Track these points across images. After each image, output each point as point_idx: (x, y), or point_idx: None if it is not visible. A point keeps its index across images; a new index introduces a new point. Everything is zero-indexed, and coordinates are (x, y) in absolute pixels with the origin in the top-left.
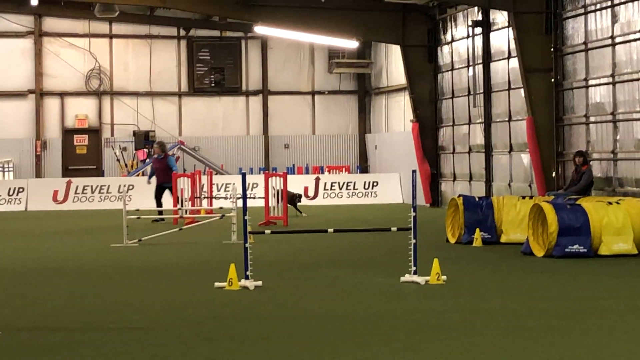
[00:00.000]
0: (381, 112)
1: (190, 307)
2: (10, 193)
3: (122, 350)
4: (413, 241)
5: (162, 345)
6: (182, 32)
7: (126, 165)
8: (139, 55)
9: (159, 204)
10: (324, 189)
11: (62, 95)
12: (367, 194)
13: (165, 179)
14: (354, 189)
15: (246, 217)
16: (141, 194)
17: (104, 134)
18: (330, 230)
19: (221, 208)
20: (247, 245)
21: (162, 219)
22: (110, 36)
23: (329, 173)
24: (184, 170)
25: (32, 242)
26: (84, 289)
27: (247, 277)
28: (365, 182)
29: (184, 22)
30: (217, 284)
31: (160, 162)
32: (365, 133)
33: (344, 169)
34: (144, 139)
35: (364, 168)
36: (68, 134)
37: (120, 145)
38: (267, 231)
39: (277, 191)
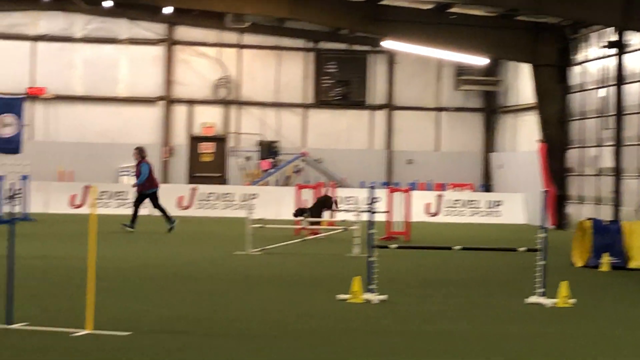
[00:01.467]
0: (507, 131)
1: (312, 318)
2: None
3: (244, 358)
4: (542, 262)
5: (284, 355)
6: (310, 45)
7: (250, 174)
8: (266, 66)
9: (162, 210)
10: (446, 207)
11: (190, 103)
12: (490, 213)
13: (144, 186)
14: (476, 207)
15: (373, 231)
16: (264, 203)
17: (230, 142)
18: (456, 247)
19: (343, 221)
20: (372, 259)
21: (131, 226)
22: (240, 46)
23: (452, 190)
24: (306, 182)
25: (156, 247)
26: (207, 295)
27: (370, 291)
28: (488, 201)
29: (313, 34)
30: (339, 296)
31: (136, 168)
32: (490, 151)
33: (467, 186)
34: (268, 148)
35: (487, 187)
36: (194, 141)
37: (245, 154)
38: (392, 246)
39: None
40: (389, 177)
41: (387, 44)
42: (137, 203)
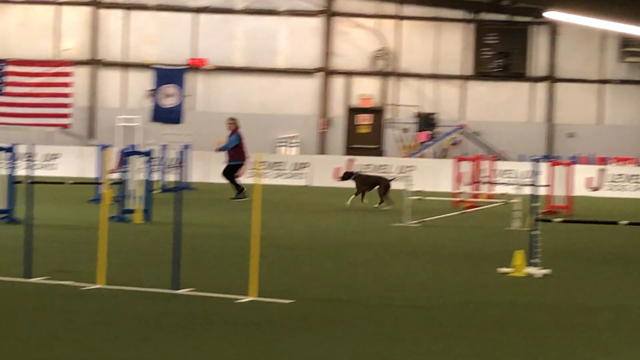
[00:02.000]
0: None
1: (473, 290)
2: (295, 168)
3: (407, 328)
4: None
5: (447, 326)
6: (470, 16)
7: (407, 146)
8: (425, 37)
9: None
10: (609, 181)
11: (348, 74)
12: None
13: (233, 157)
14: None
15: (537, 204)
16: (422, 176)
17: (387, 114)
18: (622, 222)
19: (503, 194)
20: (535, 232)
21: (243, 196)
22: (399, 17)
23: (615, 164)
24: (464, 154)
25: (314, 217)
26: (367, 266)
27: (533, 264)
28: None
29: (473, 5)
30: (500, 270)
31: (228, 138)
32: None
33: (630, 161)
34: (426, 120)
35: None
36: (352, 112)
37: (402, 126)
38: (556, 219)
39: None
40: (549, 150)
41: (550, 14)
42: (230, 174)
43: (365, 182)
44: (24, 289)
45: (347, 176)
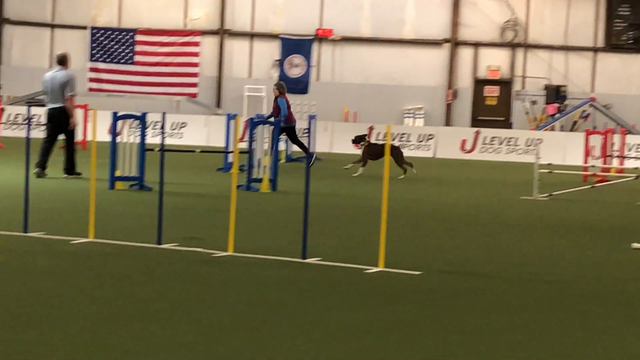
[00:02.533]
0: None
1: (607, 266)
2: (420, 139)
3: (538, 302)
4: None
5: (580, 300)
6: None
7: (535, 119)
8: (556, 8)
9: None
10: None
11: (475, 45)
12: None
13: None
14: None
15: None
16: (550, 149)
17: (515, 86)
18: None
19: (636, 168)
20: None
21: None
22: None
23: None
24: (593, 128)
25: (440, 189)
26: (495, 239)
27: None
28: None
29: None
30: (634, 245)
31: (274, 103)
32: None
33: None
34: (555, 93)
35: None
36: (479, 84)
37: (530, 98)
38: None
39: None
40: None
41: None
42: (293, 137)
43: (372, 152)
44: (155, 255)
45: (357, 140)
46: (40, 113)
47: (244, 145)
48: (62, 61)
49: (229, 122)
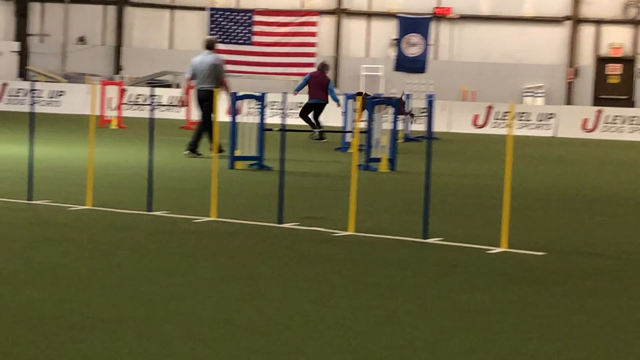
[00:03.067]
0: None
1: None
2: (540, 119)
3: None
4: None
5: None
6: None
7: None
8: None
9: (309, 121)
10: None
11: (597, 22)
12: None
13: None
14: None
15: None
16: None
17: (638, 64)
18: None
19: None
20: None
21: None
22: None
23: None
24: None
25: (562, 168)
26: (623, 219)
27: None
28: None
29: None
30: None
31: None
32: None
33: None
34: None
35: None
36: (601, 62)
37: None
38: None
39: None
40: None
41: None
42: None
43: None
44: (276, 234)
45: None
46: (160, 94)
47: (362, 124)
48: (210, 46)
49: (347, 101)
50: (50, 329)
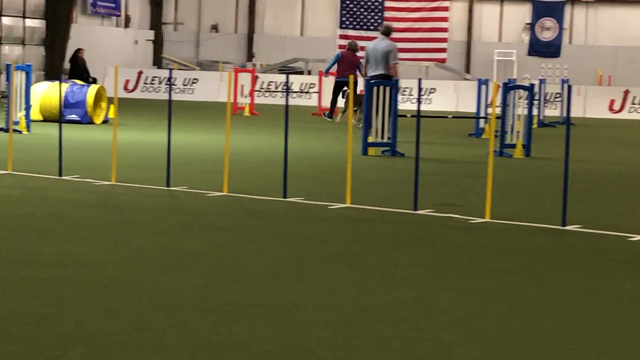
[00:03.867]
0: None
1: None
2: None
3: None
4: None
5: None
6: None
7: None
8: None
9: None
10: None
11: None
12: None
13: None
14: None
15: None
16: None
17: None
18: None
19: None
20: None
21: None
22: None
23: None
24: None
25: None
26: None
27: None
28: None
29: None
30: None
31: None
32: None
33: None
34: None
35: None
36: None
37: None
38: None
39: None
40: None
41: None
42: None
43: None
44: (411, 221)
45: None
46: (292, 80)
47: (496, 110)
48: (387, 32)
49: (480, 87)
50: (190, 313)
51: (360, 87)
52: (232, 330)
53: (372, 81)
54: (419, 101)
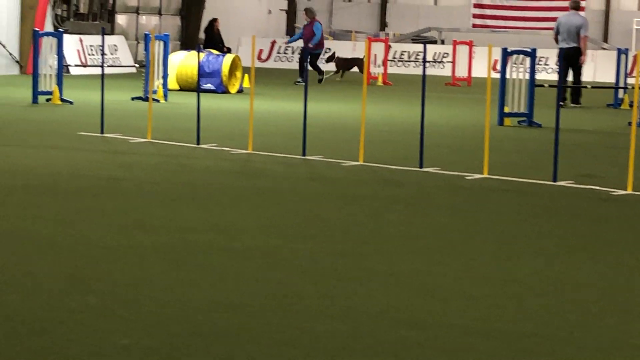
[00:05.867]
0: None
1: None
2: None
3: None
4: None
5: None
6: None
7: None
8: None
9: (316, 68)
10: None
11: None
12: None
13: (317, 47)
14: None
15: None
16: None
17: None
18: None
19: None
20: None
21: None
22: None
23: None
24: None
25: None
26: None
27: None
28: None
29: None
30: None
31: (307, 29)
32: None
33: None
34: None
35: None
36: None
37: None
38: None
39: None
40: None
41: None
42: (307, 60)
43: (342, 63)
44: (551, 192)
45: (330, 59)
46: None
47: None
48: (576, 6)
49: (620, 56)
50: (330, 282)
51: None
52: (371, 298)
53: (507, 50)
54: (560, 72)
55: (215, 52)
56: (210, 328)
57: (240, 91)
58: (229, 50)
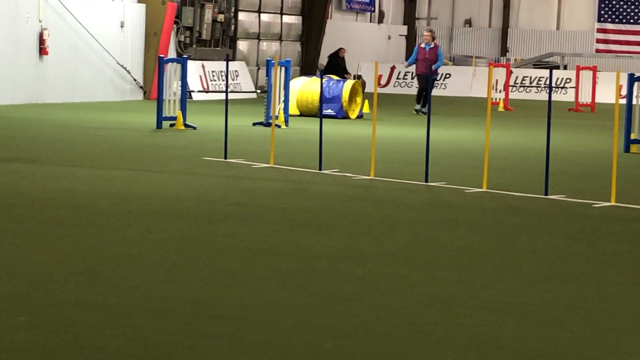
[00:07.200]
0: None
1: None
2: None
3: None
4: None
5: None
6: None
7: None
8: None
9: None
10: None
11: None
12: None
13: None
14: None
15: None
16: None
17: None
18: None
19: None
20: None
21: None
22: None
23: None
24: None
25: None
26: None
27: None
28: None
29: None
30: None
31: (431, 52)
32: None
33: None
34: None
35: None
36: None
37: None
38: None
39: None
40: None
41: None
42: (432, 86)
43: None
44: None
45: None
46: (547, 75)
47: None
48: None
49: None
50: (457, 310)
51: None
52: (501, 329)
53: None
54: None
55: (335, 77)
56: (337, 355)
57: (360, 116)
58: (358, 77)
